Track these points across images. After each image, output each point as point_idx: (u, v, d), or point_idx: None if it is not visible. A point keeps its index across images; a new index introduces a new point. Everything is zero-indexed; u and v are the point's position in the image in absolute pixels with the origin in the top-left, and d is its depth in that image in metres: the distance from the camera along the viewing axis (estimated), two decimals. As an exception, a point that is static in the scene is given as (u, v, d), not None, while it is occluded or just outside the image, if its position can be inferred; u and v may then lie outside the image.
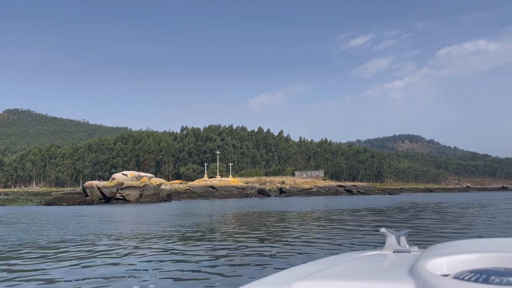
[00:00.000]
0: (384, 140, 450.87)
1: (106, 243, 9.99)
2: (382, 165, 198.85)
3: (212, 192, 49.51)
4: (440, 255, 1.21)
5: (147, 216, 20.46)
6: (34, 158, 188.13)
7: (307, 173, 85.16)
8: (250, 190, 55.47)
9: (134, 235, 11.92)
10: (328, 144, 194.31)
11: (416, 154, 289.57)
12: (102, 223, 16.40)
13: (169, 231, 12.87)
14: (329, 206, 29.63)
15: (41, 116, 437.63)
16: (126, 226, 15.17)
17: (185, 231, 12.65)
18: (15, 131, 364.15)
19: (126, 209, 27.15)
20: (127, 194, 36.17)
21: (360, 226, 13.70)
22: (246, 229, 13.11)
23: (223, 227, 14.33)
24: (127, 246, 9.38)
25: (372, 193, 69.36)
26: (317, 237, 10.80)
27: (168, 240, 10.41)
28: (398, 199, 45.27)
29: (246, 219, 17.85)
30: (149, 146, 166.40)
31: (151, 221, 17.38)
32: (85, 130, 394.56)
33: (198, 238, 10.97)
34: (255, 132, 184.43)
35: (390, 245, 1.63)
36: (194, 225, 14.97)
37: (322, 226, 14.13)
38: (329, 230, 12.54)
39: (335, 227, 13.51)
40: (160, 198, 37.60)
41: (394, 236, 1.65)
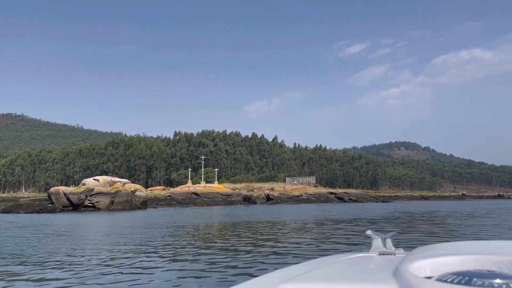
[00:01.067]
0: (380, 147, 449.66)
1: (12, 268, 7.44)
2: (377, 172, 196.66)
3: (194, 199, 46.88)
4: (424, 257, 1.21)
5: (99, 227, 17.88)
6: (23, 163, 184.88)
7: (298, 179, 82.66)
8: (236, 197, 52.87)
9: (50, 253, 9.39)
10: (323, 151, 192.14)
11: (411, 161, 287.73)
12: (39, 237, 13.82)
13: (106, 249, 10.35)
14: (311, 214, 27.17)
15: (35, 120, 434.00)
16: (58, 243, 12.57)
17: (125, 249, 10.12)
18: (7, 135, 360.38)
19: (88, 218, 24.57)
20: (96, 201, 33.51)
21: (326, 240, 11.19)
22: (203, 242, 10.58)
23: (175, 241, 11.77)
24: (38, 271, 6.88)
25: (364, 200, 66.91)
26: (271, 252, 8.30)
27: (102, 258, 7.85)
28: (390, 208, 42.82)
29: (212, 231, 15.31)
30: (140, 151, 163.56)
31: (97, 234, 14.79)
32: (79, 135, 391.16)
33: (145, 254, 8.46)
34: (249, 137, 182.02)
35: (376, 247, 1.62)
36: (146, 239, 12.42)
37: (285, 239, 11.61)
38: (288, 246, 10.03)
39: (298, 241, 10.99)
40: (133, 206, 34.94)
41: (380, 239, 1.64)
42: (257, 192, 62.69)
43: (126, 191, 35.34)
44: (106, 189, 34.47)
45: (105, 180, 36.64)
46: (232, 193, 54.51)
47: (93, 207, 33.38)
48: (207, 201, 46.54)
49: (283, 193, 62.20)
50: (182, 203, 44.23)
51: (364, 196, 70.59)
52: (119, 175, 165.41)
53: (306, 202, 58.14)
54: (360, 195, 71.02)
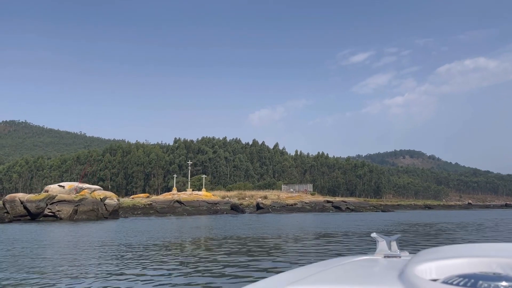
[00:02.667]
0: (384, 156, 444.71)
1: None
2: (380, 180, 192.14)
3: (174, 208, 43.32)
4: (429, 260, 1.21)
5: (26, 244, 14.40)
6: (20, 169, 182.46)
7: (295, 187, 78.84)
8: (223, 206, 49.25)
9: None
10: (325, 158, 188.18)
11: (416, 170, 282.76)
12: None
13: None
14: (293, 227, 23.63)
15: (37, 127, 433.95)
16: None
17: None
18: (10, 142, 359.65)
19: (30, 231, 21.14)
20: (58, 209, 30.11)
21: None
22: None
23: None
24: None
25: (363, 209, 63.03)
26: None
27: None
28: (387, 218, 39.08)
29: (159, 253, 11.82)
30: (138, 158, 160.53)
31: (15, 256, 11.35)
32: (81, 142, 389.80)
33: None
34: (249, 144, 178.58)
35: (381, 250, 1.61)
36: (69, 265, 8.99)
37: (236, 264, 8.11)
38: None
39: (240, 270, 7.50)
40: (100, 215, 31.46)
41: (385, 241, 1.62)
42: (248, 201, 59.00)
43: (92, 199, 31.88)
44: (70, 197, 31.06)
45: (71, 186, 33.25)
46: (220, 201, 50.93)
47: (54, 216, 29.97)
48: (189, 210, 42.94)
49: (276, 201, 58.52)
50: (161, 212, 40.69)
51: (363, 205, 66.67)
52: (116, 182, 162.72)
53: (300, 211, 54.44)
54: (358, 204, 67.12)
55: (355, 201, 71.60)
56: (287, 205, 57.16)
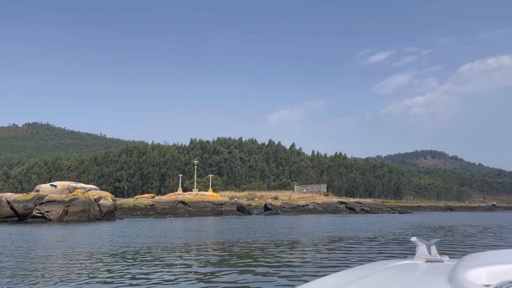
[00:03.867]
0: (405, 156, 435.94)
1: None
2: (400, 181, 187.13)
3: (176, 209, 41.38)
4: (479, 265, 1.17)
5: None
6: (39, 170, 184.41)
7: (308, 187, 76.19)
8: (230, 207, 47.12)
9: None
10: (343, 158, 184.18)
11: (438, 171, 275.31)
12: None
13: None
14: (285, 231, 21.34)
15: (59, 129, 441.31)
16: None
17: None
18: (32, 144, 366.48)
19: (8, 232, 19.46)
20: (47, 210, 28.51)
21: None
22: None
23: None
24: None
25: (378, 211, 60.04)
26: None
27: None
28: (402, 220, 36.32)
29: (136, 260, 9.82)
30: (153, 158, 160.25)
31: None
32: (101, 143, 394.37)
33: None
34: (265, 145, 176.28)
35: (421, 254, 1.58)
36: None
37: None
38: None
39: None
40: (92, 216, 29.73)
41: (425, 245, 1.60)
42: (258, 201, 56.77)
43: (84, 199, 30.19)
44: (60, 197, 29.44)
45: (63, 186, 31.66)
46: (227, 202, 48.82)
47: (43, 217, 28.38)
48: (192, 211, 40.98)
49: (287, 202, 56.08)
50: (161, 213, 38.84)
51: (379, 207, 63.59)
52: (132, 182, 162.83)
53: (311, 213, 51.93)
54: (374, 205, 64.05)
55: (371, 202, 68.52)
56: (298, 206, 54.68)
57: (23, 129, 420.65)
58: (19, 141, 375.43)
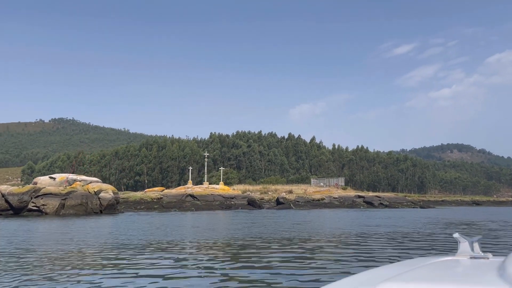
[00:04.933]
0: (430, 150, 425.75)
1: None
2: (425, 175, 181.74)
3: (182, 203, 39.94)
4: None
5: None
6: (62, 164, 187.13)
7: (325, 181, 73.72)
8: (240, 201, 45.46)
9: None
10: (365, 152, 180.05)
11: (464, 164, 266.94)
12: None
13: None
14: (286, 227, 19.51)
15: (84, 125, 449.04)
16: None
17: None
18: (58, 139, 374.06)
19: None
20: (43, 203, 27.43)
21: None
22: None
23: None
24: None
25: (399, 206, 57.27)
26: None
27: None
28: (422, 215, 33.85)
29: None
30: (172, 152, 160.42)
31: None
32: (125, 138, 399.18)
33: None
34: (285, 138, 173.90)
35: (464, 251, 1.55)
36: None
37: None
38: None
39: None
40: (89, 210, 28.49)
41: (468, 242, 1.57)
42: (271, 195, 54.90)
43: (82, 192, 28.98)
44: (57, 190, 28.33)
45: (62, 178, 30.56)
46: (237, 195, 47.15)
47: (39, 211, 27.30)
48: (199, 205, 39.48)
49: (301, 196, 54.03)
50: (166, 207, 37.51)
51: (399, 201, 60.75)
52: (152, 176, 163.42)
53: (327, 207, 49.76)
54: (394, 199, 61.24)
55: (391, 196, 65.67)
56: (312, 200, 52.57)
57: (49, 125, 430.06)
58: (46, 136, 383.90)
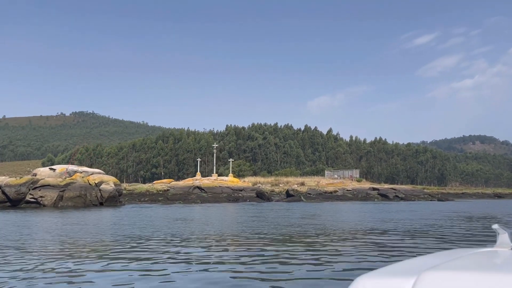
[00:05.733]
0: (452, 141, 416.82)
1: None
2: (445, 167, 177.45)
3: (187, 195, 39.04)
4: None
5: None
6: (81, 157, 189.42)
7: (339, 172, 71.96)
8: (249, 193, 44.39)
9: None
10: (383, 144, 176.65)
11: (487, 156, 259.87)
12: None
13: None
14: (283, 221, 18.30)
15: (104, 118, 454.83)
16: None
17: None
18: (79, 132, 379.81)
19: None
20: (41, 195, 26.82)
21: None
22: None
23: None
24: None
25: (415, 198, 55.28)
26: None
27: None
28: (437, 208, 32.11)
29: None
30: (188, 145, 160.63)
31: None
32: (143, 131, 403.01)
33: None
34: (301, 130, 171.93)
35: (503, 242, 1.53)
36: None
37: None
38: None
39: None
40: (88, 202, 27.76)
41: (507, 233, 1.55)
42: (282, 187, 53.64)
43: (81, 184, 28.28)
44: (55, 181, 27.68)
45: (62, 169, 29.93)
46: (246, 187, 46.10)
47: (37, 203, 26.72)
48: (204, 197, 38.55)
49: (313, 188, 52.61)
50: (172, 199, 36.69)
51: (416, 193, 58.68)
52: (168, 168, 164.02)
53: (339, 200, 48.23)
54: (411, 191, 59.20)
55: (408, 188, 63.60)
56: (325, 193, 51.08)
57: (70, 118, 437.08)
58: (67, 129, 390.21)
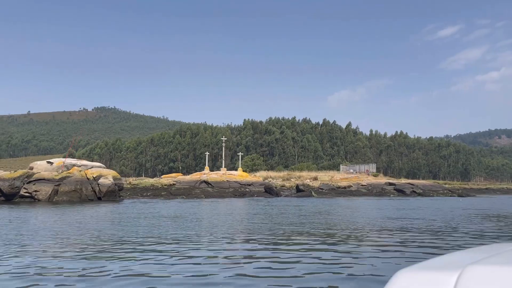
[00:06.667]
0: (477, 136, 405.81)
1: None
2: (469, 161, 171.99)
3: (191, 190, 37.80)
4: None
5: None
6: (100, 151, 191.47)
7: (355, 167, 69.71)
8: (257, 187, 42.89)
9: None
10: (404, 138, 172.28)
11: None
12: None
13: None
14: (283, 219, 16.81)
15: (125, 113, 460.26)
16: None
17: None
18: (100, 127, 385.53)
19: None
20: (35, 189, 25.99)
21: None
22: None
23: None
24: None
25: (434, 194, 52.77)
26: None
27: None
28: (452, 205, 30.01)
29: None
30: (205, 139, 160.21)
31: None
32: (163, 126, 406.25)
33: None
34: (320, 124, 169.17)
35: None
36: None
37: None
38: None
39: None
40: (84, 197, 26.81)
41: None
42: (294, 182, 51.98)
43: (76, 178, 27.31)
44: (50, 175, 26.80)
45: (60, 163, 29.06)
46: (255, 182, 44.61)
47: (31, 197, 25.90)
48: (209, 192, 37.27)
49: (326, 183, 50.76)
50: (174, 194, 35.56)
51: (435, 189, 56.08)
52: (186, 163, 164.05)
53: (352, 195, 46.29)
54: (429, 187, 56.62)
55: (427, 183, 60.96)
56: (338, 188, 49.17)
57: (92, 113, 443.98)
58: (89, 124, 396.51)
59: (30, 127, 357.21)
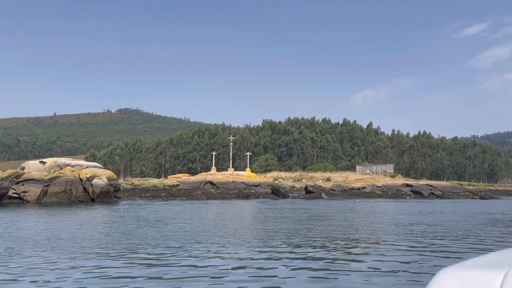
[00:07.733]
0: (505, 136, 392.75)
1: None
2: (496, 162, 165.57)
3: (193, 191, 36.36)
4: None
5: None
6: (121, 152, 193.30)
7: (372, 167, 67.08)
8: (264, 189, 41.22)
9: None
10: (427, 138, 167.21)
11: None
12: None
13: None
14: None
15: (147, 114, 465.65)
16: None
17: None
18: (123, 128, 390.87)
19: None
20: (24, 190, 25.05)
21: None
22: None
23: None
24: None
25: (454, 196, 49.90)
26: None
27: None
28: (467, 208, 27.66)
29: None
30: (223, 139, 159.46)
31: None
32: (185, 127, 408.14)
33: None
34: (339, 124, 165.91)
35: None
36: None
37: None
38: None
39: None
40: (74, 198, 25.71)
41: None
42: (305, 183, 50.00)
43: (67, 178, 26.26)
44: (39, 175, 25.83)
45: (52, 163, 28.12)
46: (262, 183, 42.93)
47: (20, 198, 24.98)
48: (212, 193, 35.75)
49: (339, 184, 48.62)
50: (175, 195, 34.21)
51: (455, 190, 53.10)
52: (204, 163, 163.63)
53: (366, 197, 44.05)
54: (449, 188, 53.64)
55: (446, 185, 57.91)
56: (351, 189, 46.98)
57: (115, 115, 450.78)
58: (112, 126, 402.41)
59: (55, 128, 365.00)
